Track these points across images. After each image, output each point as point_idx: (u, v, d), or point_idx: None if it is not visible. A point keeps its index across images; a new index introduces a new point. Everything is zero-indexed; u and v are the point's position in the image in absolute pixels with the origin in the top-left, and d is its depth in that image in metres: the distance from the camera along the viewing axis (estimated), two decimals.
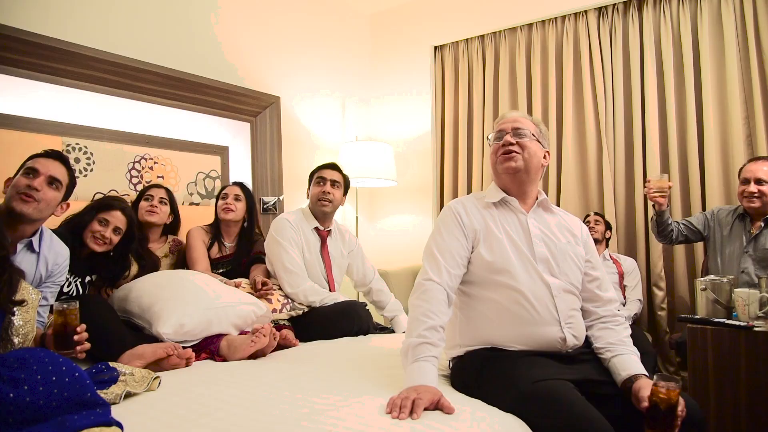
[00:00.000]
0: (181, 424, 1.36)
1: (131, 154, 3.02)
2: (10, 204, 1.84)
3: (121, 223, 2.30)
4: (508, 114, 1.90)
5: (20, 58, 2.61)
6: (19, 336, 1.61)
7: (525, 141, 1.80)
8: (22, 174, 1.90)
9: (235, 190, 2.97)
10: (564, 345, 1.67)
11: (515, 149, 1.79)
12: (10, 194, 1.86)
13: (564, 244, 1.79)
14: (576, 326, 1.72)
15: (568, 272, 1.75)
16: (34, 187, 1.86)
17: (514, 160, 1.79)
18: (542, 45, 3.96)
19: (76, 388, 1.29)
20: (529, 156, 1.79)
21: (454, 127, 4.36)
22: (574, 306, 1.74)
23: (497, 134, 1.85)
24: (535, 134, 1.83)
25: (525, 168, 1.80)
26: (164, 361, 1.95)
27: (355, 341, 2.45)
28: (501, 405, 1.49)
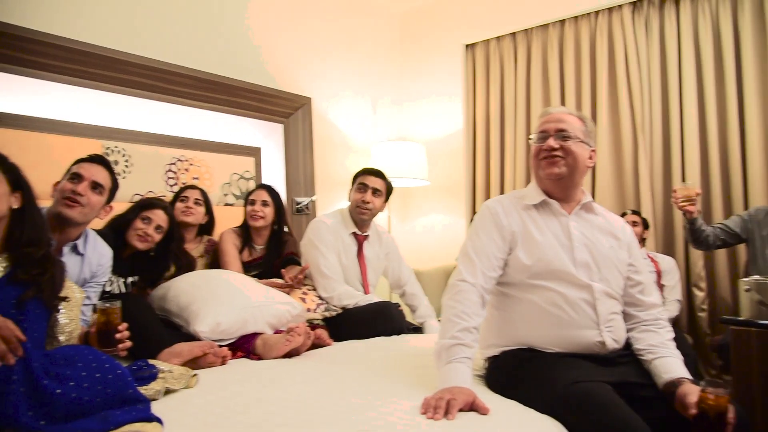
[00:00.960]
0: (218, 421, 1.38)
1: (168, 156, 3.08)
2: (56, 208, 1.90)
3: (162, 221, 2.36)
4: (552, 110, 1.81)
5: (62, 64, 2.68)
6: (64, 334, 1.66)
7: (569, 144, 1.72)
8: (67, 179, 1.96)
9: (262, 196, 2.93)
10: (603, 348, 1.64)
11: (559, 154, 1.72)
12: (57, 199, 1.93)
13: (606, 249, 1.73)
14: (616, 330, 1.68)
15: (609, 277, 1.70)
16: (78, 192, 1.91)
17: (557, 166, 1.72)
18: (575, 41, 3.90)
19: (118, 385, 1.33)
20: (574, 161, 1.72)
21: (486, 126, 4.32)
22: (614, 310, 1.70)
23: (540, 135, 1.77)
24: (580, 135, 1.75)
25: (569, 174, 1.73)
26: (201, 359, 1.98)
27: (389, 341, 2.45)
28: (537, 406, 1.47)
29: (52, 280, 1.61)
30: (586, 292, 1.66)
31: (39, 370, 1.23)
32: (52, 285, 1.60)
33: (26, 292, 1.52)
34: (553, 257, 1.68)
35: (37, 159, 2.54)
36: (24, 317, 1.49)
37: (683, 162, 3.49)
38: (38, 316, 1.56)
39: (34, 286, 1.55)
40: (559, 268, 1.67)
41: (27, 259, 1.55)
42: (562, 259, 1.68)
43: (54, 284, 1.62)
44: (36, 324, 1.54)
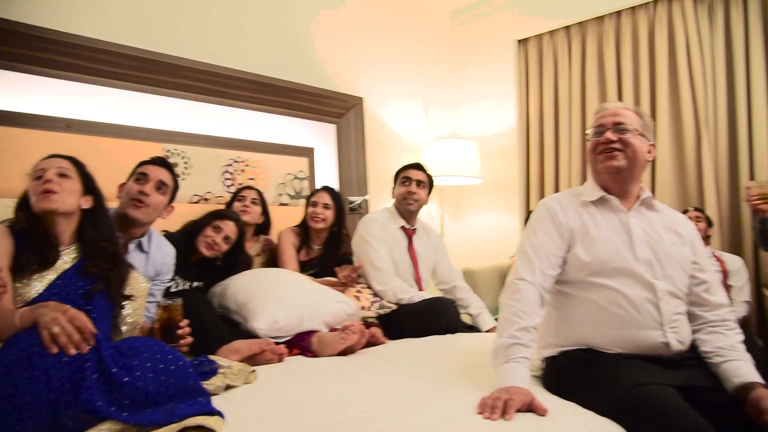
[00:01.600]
0: (276, 417, 1.40)
1: (224, 158, 3.16)
2: (123, 209, 2.00)
3: (232, 233, 2.45)
4: (608, 105, 1.78)
5: (126, 72, 2.80)
6: (126, 325, 1.74)
7: (627, 137, 1.68)
8: (133, 180, 2.06)
9: (324, 198, 2.97)
10: (667, 350, 1.57)
11: (617, 146, 1.68)
12: (124, 200, 2.02)
13: (669, 245, 1.67)
14: (681, 331, 1.61)
15: (672, 275, 1.64)
16: (144, 192, 2.00)
17: (615, 159, 1.68)
18: (633, 33, 3.77)
19: (180, 376, 1.38)
20: (633, 153, 1.68)
21: (540, 123, 4.24)
22: (678, 310, 1.63)
23: (596, 129, 1.73)
24: (638, 128, 1.70)
25: (628, 167, 1.68)
26: (258, 356, 2.02)
27: (444, 339, 2.43)
28: (597, 409, 1.42)
29: (120, 277, 1.70)
30: (649, 290, 1.60)
31: (109, 360, 1.29)
32: (119, 282, 1.69)
33: (96, 284, 1.62)
34: (614, 254, 1.63)
35: (102, 162, 2.64)
36: (92, 308, 1.58)
37: (751, 158, 3.33)
38: (105, 307, 1.64)
39: (103, 279, 1.64)
40: (619, 266, 1.62)
41: (98, 254, 1.66)
42: (622, 256, 1.63)
43: (121, 281, 1.71)
44: (103, 315, 1.62)
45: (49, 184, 1.62)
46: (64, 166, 1.69)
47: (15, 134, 2.42)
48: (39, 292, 1.54)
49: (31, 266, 1.54)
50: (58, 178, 1.65)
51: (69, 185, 1.67)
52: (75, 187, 1.68)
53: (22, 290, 1.52)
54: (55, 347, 1.26)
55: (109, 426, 1.22)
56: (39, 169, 1.66)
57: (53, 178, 1.63)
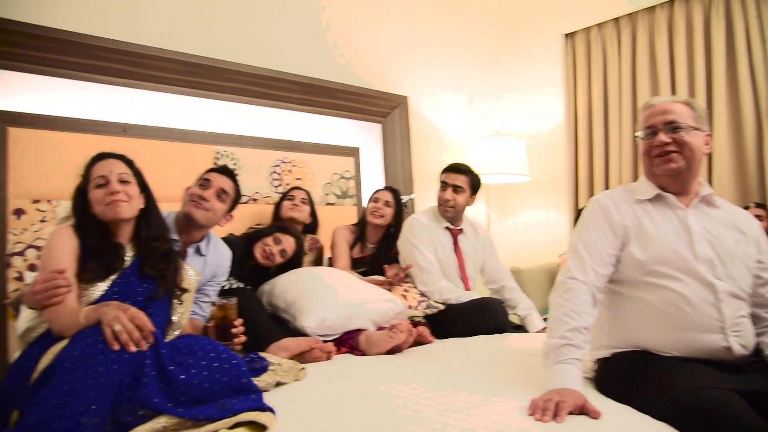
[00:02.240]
0: (326, 414, 1.42)
1: (272, 159, 3.21)
2: (185, 209, 2.08)
3: (290, 248, 2.53)
4: (654, 101, 1.68)
5: (177, 77, 2.88)
6: (176, 314, 1.79)
7: (682, 136, 1.60)
8: (197, 185, 2.14)
9: (386, 196, 3.04)
10: (729, 354, 1.50)
11: (672, 149, 1.60)
12: (186, 200, 2.09)
13: (732, 244, 1.59)
14: (744, 334, 1.53)
15: (735, 275, 1.56)
16: (204, 197, 2.07)
17: (673, 162, 1.60)
18: (687, 22, 3.63)
19: (233, 374, 1.41)
20: (690, 152, 1.60)
21: (589, 118, 4.14)
22: (741, 312, 1.55)
23: (647, 130, 1.65)
24: (692, 122, 1.62)
25: (686, 167, 1.61)
26: (307, 354, 2.04)
27: (491, 339, 2.41)
28: (653, 413, 1.37)
29: (175, 273, 1.77)
30: (710, 291, 1.53)
31: (166, 358, 1.33)
32: (174, 277, 1.76)
33: (158, 290, 1.68)
34: (671, 253, 1.57)
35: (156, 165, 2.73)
36: (150, 306, 1.64)
37: None
38: (162, 305, 1.70)
39: (161, 281, 1.70)
40: (677, 265, 1.56)
41: (153, 253, 1.73)
42: (681, 254, 1.56)
43: (176, 277, 1.77)
44: (160, 312, 1.68)
45: (118, 195, 1.67)
46: (123, 172, 1.73)
47: (74, 139, 2.53)
48: (102, 293, 1.61)
49: (98, 275, 1.61)
50: (122, 186, 1.69)
51: (131, 190, 1.72)
52: (136, 191, 1.74)
53: (86, 291, 1.58)
54: (117, 344, 1.31)
55: (165, 420, 1.26)
56: (99, 176, 1.69)
57: (119, 188, 1.68)
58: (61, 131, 2.51)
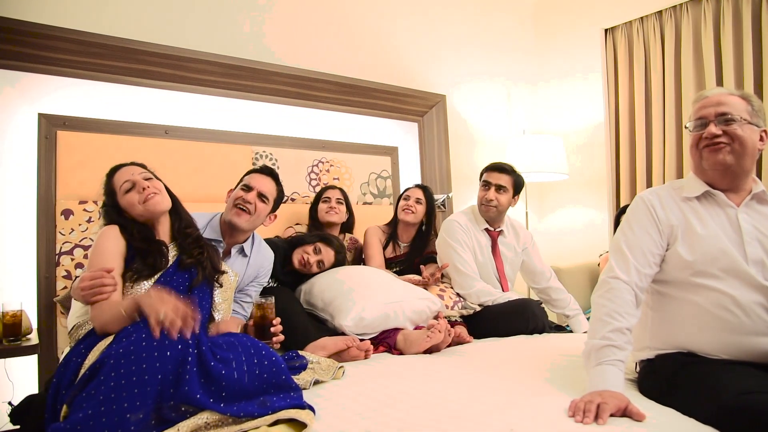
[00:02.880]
0: (366, 412, 1.42)
1: (310, 159, 3.24)
2: (228, 216, 2.11)
3: (328, 261, 2.53)
4: (708, 92, 1.63)
5: (217, 79, 2.93)
6: (218, 312, 1.83)
7: (734, 128, 1.53)
8: (240, 188, 2.17)
9: (417, 194, 3.02)
10: None
11: (723, 140, 1.54)
12: (229, 206, 2.13)
13: None
14: None
15: None
16: (248, 200, 2.10)
17: (722, 153, 1.54)
18: (734, 13, 3.50)
19: (273, 371, 1.43)
20: (742, 146, 1.54)
21: (630, 115, 4.03)
22: None
23: (698, 121, 1.59)
24: (746, 115, 1.55)
25: (737, 161, 1.55)
26: (345, 353, 2.05)
27: (530, 340, 2.38)
28: (698, 416, 1.32)
29: (210, 258, 1.81)
30: (761, 293, 1.47)
31: (208, 353, 1.35)
32: (211, 261, 1.80)
33: (196, 277, 1.73)
34: (720, 253, 1.52)
35: (198, 166, 2.81)
36: (191, 301, 1.65)
37: None
38: (202, 299, 1.74)
39: (199, 267, 1.75)
40: (727, 266, 1.50)
41: (188, 241, 1.79)
42: (730, 255, 1.51)
43: (213, 261, 1.82)
44: (201, 305, 1.72)
45: (149, 190, 1.73)
46: (145, 172, 1.80)
47: (118, 141, 2.61)
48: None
49: (143, 274, 1.65)
50: (148, 183, 1.76)
51: (159, 185, 1.79)
52: (161, 186, 1.81)
53: (132, 290, 1.63)
54: (159, 330, 1.32)
55: (207, 416, 1.29)
56: (124, 182, 1.75)
57: (149, 185, 1.75)
58: (105, 134, 2.60)
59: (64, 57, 2.51)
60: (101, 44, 2.57)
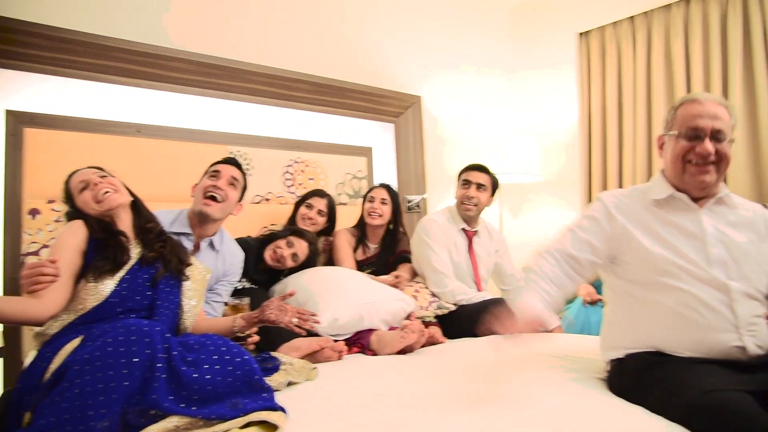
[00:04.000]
0: (340, 413, 1.42)
1: (285, 159, 3.22)
2: (197, 207, 2.10)
3: (302, 253, 2.52)
4: (702, 98, 1.61)
5: (191, 77, 2.89)
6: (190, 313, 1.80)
7: (724, 148, 1.57)
8: (206, 177, 2.16)
9: (381, 194, 3.01)
10: (744, 354, 1.49)
11: (713, 160, 1.57)
12: (197, 197, 2.11)
13: (746, 244, 1.58)
14: (760, 334, 1.52)
15: (750, 275, 1.55)
16: (217, 186, 2.09)
17: (708, 175, 1.58)
18: (703, 21, 3.58)
19: (245, 370, 1.42)
20: (726, 165, 1.59)
21: (603, 118, 4.10)
22: (757, 312, 1.54)
23: (691, 132, 1.59)
24: (730, 131, 1.59)
25: (718, 178, 1.60)
26: (318, 354, 2.05)
27: (502, 339, 2.39)
28: (666, 414, 1.36)
29: (174, 251, 1.81)
30: (723, 292, 1.52)
31: (178, 358, 1.33)
32: (176, 255, 1.80)
33: (159, 270, 1.72)
34: (683, 254, 1.56)
35: (171, 165, 2.77)
36: (157, 296, 1.68)
37: None
38: (170, 293, 1.73)
39: (162, 261, 1.74)
40: (690, 266, 1.55)
41: (150, 236, 1.79)
42: (693, 256, 1.56)
43: (178, 254, 1.81)
44: (167, 302, 1.71)
45: (101, 186, 1.74)
46: (100, 171, 1.81)
47: (88, 139, 2.56)
48: (112, 290, 1.63)
49: (105, 270, 1.63)
50: (102, 179, 1.77)
51: (114, 182, 1.80)
52: (118, 181, 1.82)
53: (95, 288, 1.60)
54: None
55: (177, 419, 1.27)
56: (79, 182, 1.77)
57: (101, 181, 1.76)
58: (75, 131, 2.54)
59: (33, 52, 2.45)
60: (71, 40, 2.51)
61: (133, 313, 1.62)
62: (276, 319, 1.84)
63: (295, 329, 1.85)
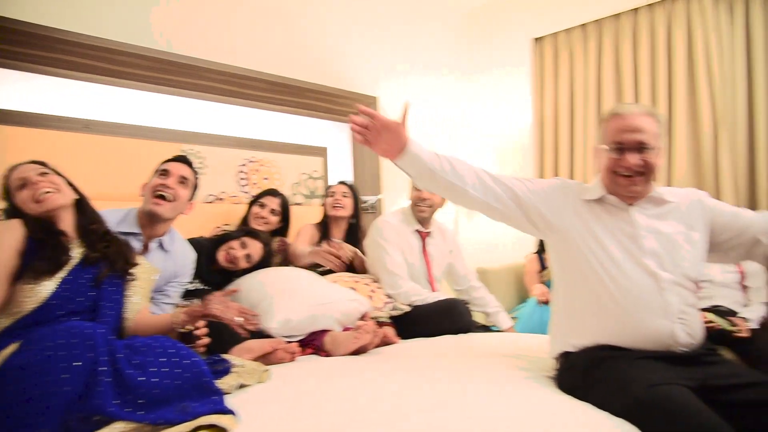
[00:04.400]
0: (290, 415, 1.41)
1: (239, 158, 3.18)
2: (147, 206, 2.04)
3: (256, 253, 2.48)
4: (623, 111, 1.68)
5: (143, 72, 2.83)
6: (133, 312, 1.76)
7: (650, 158, 1.63)
8: (156, 176, 2.11)
9: (342, 189, 3.07)
10: (675, 342, 1.57)
11: (639, 170, 1.63)
12: (147, 197, 2.05)
13: (676, 235, 1.67)
14: (691, 323, 1.61)
15: (682, 264, 1.64)
16: (167, 185, 2.04)
17: (636, 185, 1.66)
18: (650, 31, 3.73)
19: (194, 372, 1.39)
20: (654, 173, 1.65)
21: (555, 121, 4.21)
22: (688, 301, 1.63)
23: (615, 145, 1.66)
24: (657, 140, 1.65)
25: (647, 184, 1.68)
26: (271, 355, 2.02)
27: (456, 339, 2.43)
28: (611, 410, 1.41)
29: (120, 251, 1.75)
30: (655, 281, 1.61)
31: (123, 361, 1.29)
32: (121, 256, 1.74)
33: (102, 270, 1.66)
34: (617, 246, 1.65)
35: (121, 163, 2.70)
36: (99, 296, 1.62)
37: None
38: (113, 294, 1.68)
39: (106, 261, 1.68)
40: (623, 258, 1.64)
41: (94, 237, 1.72)
42: (627, 248, 1.65)
43: (124, 254, 1.75)
44: (111, 302, 1.66)
45: (41, 185, 1.66)
46: (41, 168, 1.72)
47: (31, 135, 2.47)
48: (51, 291, 1.57)
49: (43, 271, 1.57)
50: (42, 177, 1.69)
51: (55, 179, 1.72)
52: (60, 180, 1.74)
53: (34, 290, 1.54)
54: None
55: (122, 425, 1.23)
56: (17, 179, 1.68)
57: (40, 180, 1.67)
58: (18, 126, 2.45)
59: None
60: (12, 29, 2.41)
61: (75, 316, 1.57)
62: (221, 315, 1.80)
63: (238, 329, 1.81)
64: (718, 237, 1.71)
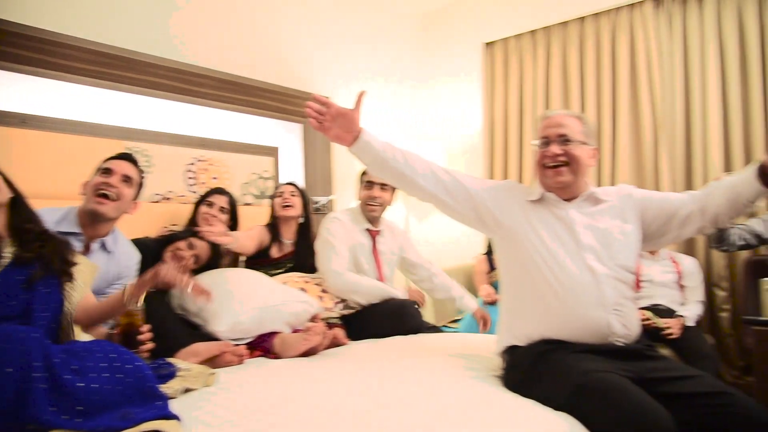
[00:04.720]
0: (238, 419, 1.39)
1: (187, 157, 3.11)
2: (88, 205, 1.96)
3: (204, 253, 2.43)
4: (550, 114, 1.86)
5: (85, 66, 2.72)
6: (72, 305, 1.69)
7: (572, 149, 1.77)
8: (98, 174, 2.03)
9: (290, 189, 3.04)
10: (611, 332, 1.65)
11: (562, 160, 1.76)
12: (88, 196, 1.98)
13: (612, 229, 1.76)
14: (627, 316, 1.69)
15: (618, 256, 1.73)
16: (110, 184, 1.97)
17: (561, 175, 1.77)
18: (596, 38, 3.86)
19: (137, 377, 1.35)
20: (577, 165, 1.78)
21: (505, 125, 4.30)
22: (625, 294, 1.71)
23: (542, 140, 1.82)
24: (581, 136, 1.79)
25: (574, 178, 1.78)
26: (219, 358, 1.99)
27: (406, 340, 2.44)
28: (554, 402, 1.47)
29: (57, 250, 1.65)
30: (592, 275, 1.68)
31: (60, 365, 1.23)
32: (58, 255, 1.64)
33: (35, 271, 1.56)
34: (556, 242, 1.73)
35: (60, 160, 2.60)
36: (33, 298, 1.53)
37: (705, 162, 3.45)
38: (48, 296, 1.58)
39: (40, 262, 1.58)
40: (561, 252, 1.71)
41: (28, 236, 1.61)
42: (566, 244, 1.73)
43: (61, 254, 1.66)
44: (45, 305, 1.56)
45: None
46: None
47: None
48: None
49: None
50: None
51: None
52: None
53: None
54: None
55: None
56: None
57: None
58: None
59: None
60: None
61: (6, 320, 1.47)
62: (172, 281, 1.76)
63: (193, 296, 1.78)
64: (651, 224, 1.81)
